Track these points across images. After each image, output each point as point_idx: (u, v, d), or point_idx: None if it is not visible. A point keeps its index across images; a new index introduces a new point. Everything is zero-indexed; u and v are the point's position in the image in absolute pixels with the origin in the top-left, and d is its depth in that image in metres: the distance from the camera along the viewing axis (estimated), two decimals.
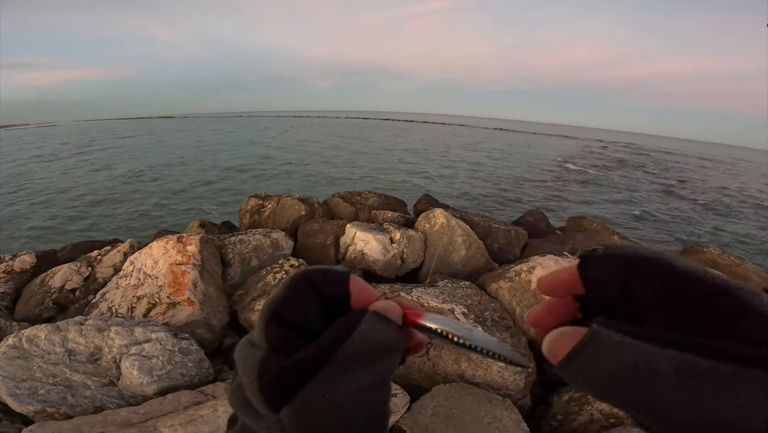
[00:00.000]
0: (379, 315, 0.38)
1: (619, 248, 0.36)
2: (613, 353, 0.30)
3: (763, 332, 0.28)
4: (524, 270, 4.48)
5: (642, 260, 0.34)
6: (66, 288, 4.45)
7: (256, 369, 0.35)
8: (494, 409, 2.89)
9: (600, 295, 0.36)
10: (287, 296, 0.40)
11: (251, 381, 0.35)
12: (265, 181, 21.58)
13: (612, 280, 0.35)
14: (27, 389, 2.68)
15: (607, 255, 0.36)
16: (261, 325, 0.39)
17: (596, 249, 0.37)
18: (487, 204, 17.13)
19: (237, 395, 0.38)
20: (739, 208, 21.12)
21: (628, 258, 0.35)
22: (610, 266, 0.36)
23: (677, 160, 50.20)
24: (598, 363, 0.30)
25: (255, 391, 0.35)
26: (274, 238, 5.37)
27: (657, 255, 0.34)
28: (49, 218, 14.92)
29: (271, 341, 0.37)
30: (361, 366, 0.36)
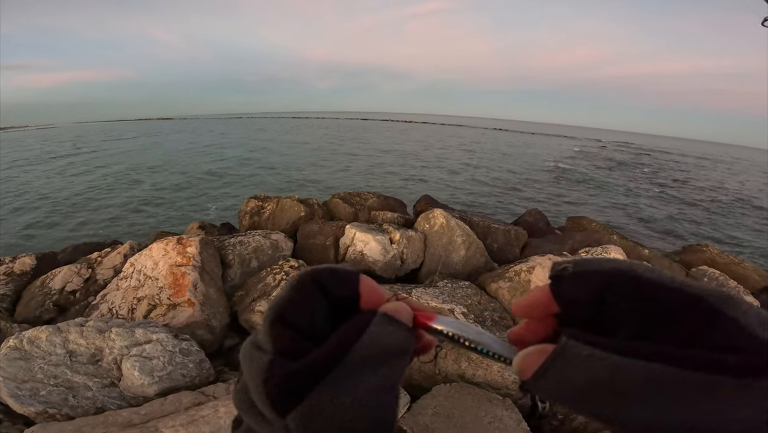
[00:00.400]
0: (389, 317, 0.37)
1: (588, 264, 0.36)
2: (582, 366, 0.30)
3: (732, 338, 0.29)
4: (524, 270, 4.49)
5: (611, 275, 0.35)
6: (66, 290, 4.45)
7: (262, 373, 0.34)
8: (494, 408, 2.90)
9: (574, 311, 0.36)
10: (293, 297, 0.39)
11: (257, 385, 0.34)
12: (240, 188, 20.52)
13: (584, 297, 0.35)
14: (28, 391, 2.68)
15: (576, 273, 0.36)
16: (266, 327, 0.38)
17: (566, 267, 0.37)
18: (487, 204, 17.13)
19: (242, 397, 0.38)
20: (739, 208, 21.13)
21: (598, 274, 0.35)
22: (580, 283, 0.36)
23: (676, 160, 50.24)
24: (567, 377, 0.31)
25: (261, 395, 0.34)
26: (273, 239, 5.38)
27: (626, 268, 0.34)
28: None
29: (277, 343, 0.36)
30: (370, 370, 0.35)
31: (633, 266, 0.34)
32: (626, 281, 0.34)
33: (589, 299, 0.35)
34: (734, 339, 0.29)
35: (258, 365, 0.35)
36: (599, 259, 0.37)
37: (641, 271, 0.34)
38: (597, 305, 0.35)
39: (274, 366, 0.34)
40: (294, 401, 0.33)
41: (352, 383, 0.34)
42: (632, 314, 0.33)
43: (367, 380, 0.34)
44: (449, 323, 0.40)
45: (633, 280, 0.33)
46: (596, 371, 0.30)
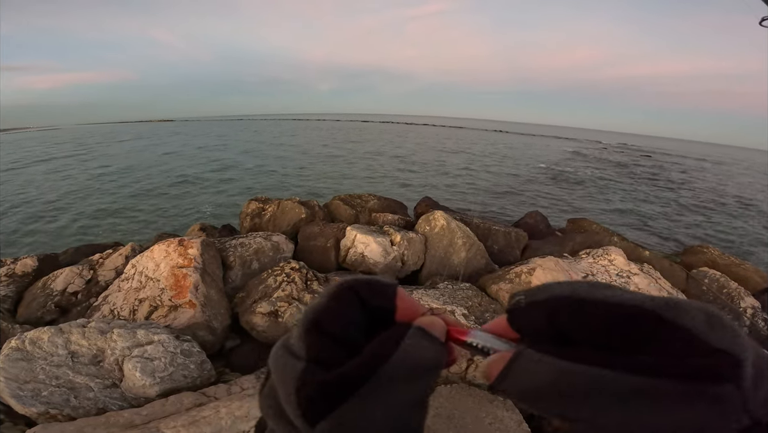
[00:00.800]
0: (424, 331, 0.37)
1: (537, 294, 0.39)
2: (534, 370, 0.33)
3: (679, 344, 0.30)
4: (524, 271, 4.50)
5: (556, 302, 0.37)
6: (68, 291, 4.46)
7: (295, 381, 0.34)
8: (495, 410, 2.90)
9: (534, 337, 0.38)
10: (329, 306, 0.39)
11: (289, 393, 0.34)
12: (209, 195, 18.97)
13: (538, 325, 0.38)
14: (30, 391, 2.69)
15: (528, 304, 0.39)
16: (301, 332, 0.38)
17: (519, 300, 0.40)
18: (487, 206, 17.13)
19: (269, 403, 0.37)
20: (740, 209, 21.11)
21: (544, 303, 0.37)
22: (532, 314, 0.38)
23: (677, 161, 50.21)
24: (522, 380, 0.34)
25: (293, 404, 0.34)
26: (274, 241, 5.39)
27: (568, 293, 0.36)
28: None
29: (311, 350, 0.36)
30: (403, 383, 0.34)
31: (575, 289, 0.37)
32: (569, 305, 0.36)
33: (543, 327, 0.37)
34: (682, 345, 0.30)
35: (291, 372, 0.35)
36: (547, 285, 0.39)
37: (583, 292, 0.36)
38: (551, 331, 0.37)
39: (308, 374, 0.34)
40: (325, 411, 0.33)
41: (384, 396, 0.33)
42: (583, 332, 0.35)
43: (399, 393, 0.34)
44: (482, 337, 0.41)
45: (575, 303, 0.36)
46: (545, 375, 0.33)
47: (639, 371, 0.29)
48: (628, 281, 4.84)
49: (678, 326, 0.31)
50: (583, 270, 4.98)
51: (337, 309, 0.39)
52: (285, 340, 0.39)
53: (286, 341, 0.39)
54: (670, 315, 0.31)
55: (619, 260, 5.16)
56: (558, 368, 0.32)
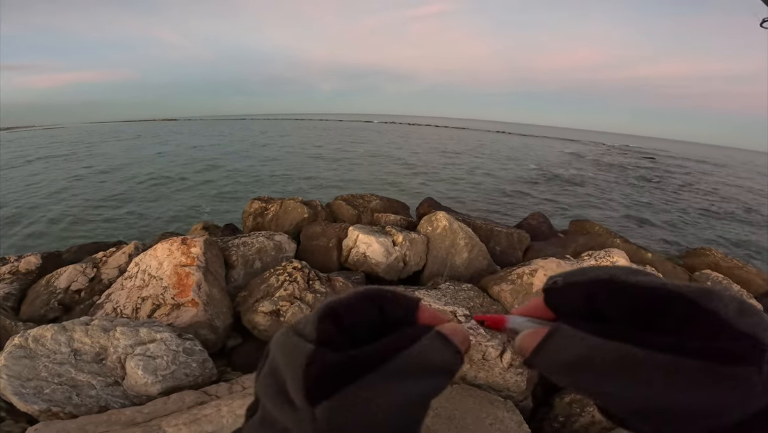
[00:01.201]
0: (443, 336, 0.37)
1: (575, 276, 0.40)
2: (568, 345, 0.35)
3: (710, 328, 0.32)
4: (526, 273, 4.49)
5: (595, 284, 0.39)
6: (71, 289, 4.48)
7: (304, 358, 0.33)
8: (496, 410, 2.90)
9: (569, 315, 0.40)
10: (350, 302, 0.39)
11: (297, 369, 0.33)
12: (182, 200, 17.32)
13: (575, 306, 0.39)
14: (32, 389, 2.70)
15: (566, 285, 0.41)
16: (315, 319, 0.37)
17: (556, 281, 0.41)
18: (489, 207, 17.11)
19: (268, 382, 0.36)
20: (742, 211, 21.04)
21: (583, 285, 0.39)
22: (569, 294, 0.40)
23: (680, 163, 50.06)
24: (557, 354, 0.36)
25: (298, 380, 0.33)
26: (277, 240, 5.40)
27: (607, 276, 0.38)
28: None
29: (322, 336, 0.35)
30: (412, 380, 0.34)
31: (614, 273, 0.38)
32: (609, 287, 0.38)
33: (580, 307, 0.39)
34: (712, 328, 0.32)
35: (301, 351, 0.34)
36: (585, 269, 0.41)
37: (622, 276, 0.38)
38: (587, 312, 0.39)
39: (318, 354, 0.34)
40: (329, 391, 0.32)
41: (390, 387, 0.33)
42: (619, 314, 0.37)
43: (406, 388, 0.34)
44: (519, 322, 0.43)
45: (615, 285, 0.37)
46: (579, 350, 0.34)
47: (665, 349, 0.31)
48: None
49: (710, 311, 0.32)
50: None
51: (357, 307, 0.39)
52: (293, 325, 0.38)
53: (293, 326, 0.38)
54: (704, 301, 0.33)
55: (621, 262, 5.15)
56: (590, 343, 0.34)
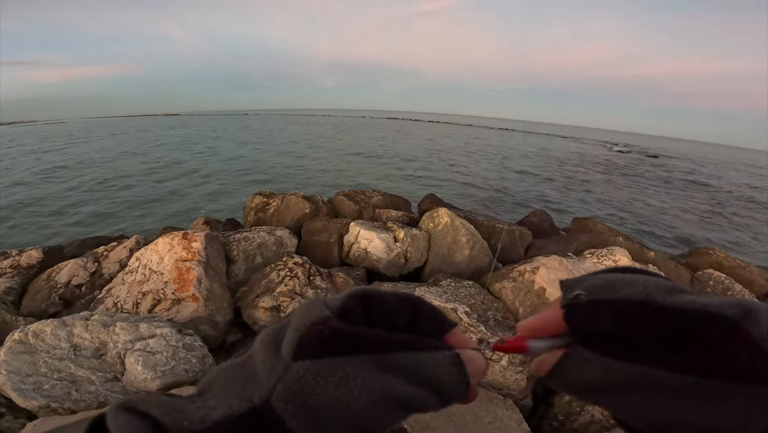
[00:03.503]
0: (460, 361, 0.36)
1: (603, 293, 0.37)
2: (583, 368, 0.36)
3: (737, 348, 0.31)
4: (528, 270, 4.47)
5: (628, 307, 0.35)
6: (72, 283, 4.48)
7: (315, 318, 0.33)
8: (495, 408, 2.89)
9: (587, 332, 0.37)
10: (386, 297, 0.38)
11: (300, 325, 0.33)
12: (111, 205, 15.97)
13: (599, 326, 0.36)
14: (32, 384, 2.70)
15: (591, 303, 0.37)
16: (345, 294, 0.37)
17: (579, 295, 0.38)
18: (491, 203, 17.10)
19: (269, 331, 0.36)
20: (747, 211, 20.97)
21: (613, 305, 0.36)
22: (594, 314, 0.37)
23: (683, 162, 49.88)
24: (571, 376, 0.37)
25: (297, 333, 0.33)
26: (278, 235, 5.39)
27: (643, 298, 0.35)
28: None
29: (344, 310, 0.35)
30: (404, 381, 0.33)
31: (650, 295, 0.35)
32: (643, 312, 0.34)
33: (603, 328, 0.36)
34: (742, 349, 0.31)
35: (316, 311, 0.34)
36: (613, 284, 0.37)
37: (660, 297, 0.34)
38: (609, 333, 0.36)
39: (329, 320, 0.33)
40: (317, 354, 0.32)
41: (379, 376, 0.32)
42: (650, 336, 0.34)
43: (394, 385, 0.33)
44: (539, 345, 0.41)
45: (650, 311, 0.34)
46: (592, 373, 0.35)
47: (684, 370, 0.31)
48: None
49: (743, 331, 0.31)
50: (588, 270, 4.95)
51: (390, 302, 0.38)
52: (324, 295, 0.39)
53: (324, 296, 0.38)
54: (744, 322, 0.31)
55: (623, 261, 5.13)
56: (604, 365, 0.34)
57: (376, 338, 0.34)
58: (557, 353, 0.38)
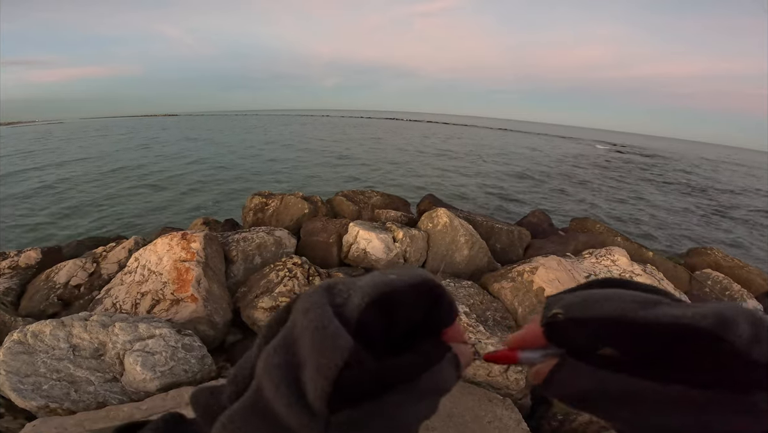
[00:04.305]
0: (457, 360, 0.35)
1: (580, 311, 0.38)
2: (576, 378, 0.36)
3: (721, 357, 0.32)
4: (527, 270, 4.48)
5: (605, 323, 0.36)
6: (71, 284, 4.48)
7: (341, 357, 0.28)
8: (495, 408, 2.90)
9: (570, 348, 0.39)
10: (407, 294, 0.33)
11: (327, 368, 0.27)
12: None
13: (577, 341, 0.38)
14: (31, 385, 2.70)
15: (569, 320, 0.38)
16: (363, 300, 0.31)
17: (557, 314, 0.39)
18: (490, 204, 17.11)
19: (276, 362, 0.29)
20: (746, 211, 21.00)
21: (590, 322, 0.37)
22: (573, 331, 0.38)
23: (683, 163, 49.95)
24: (565, 386, 0.38)
25: (326, 380, 0.27)
26: (277, 236, 5.39)
27: (619, 315, 0.36)
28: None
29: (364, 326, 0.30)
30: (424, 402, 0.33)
31: (624, 309, 0.36)
32: (620, 328, 0.36)
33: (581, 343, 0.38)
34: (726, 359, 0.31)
35: (339, 345, 0.28)
36: (588, 301, 0.38)
37: (633, 313, 0.35)
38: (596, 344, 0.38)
39: (356, 355, 0.28)
40: (353, 400, 0.28)
41: (412, 408, 0.31)
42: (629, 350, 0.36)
43: (418, 409, 0.32)
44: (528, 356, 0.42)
45: (627, 327, 0.35)
46: (585, 383, 0.36)
47: (675, 381, 0.32)
48: None
49: (724, 340, 0.32)
50: (586, 270, 4.96)
51: (410, 300, 0.34)
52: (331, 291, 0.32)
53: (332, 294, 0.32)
54: (720, 331, 0.32)
55: (622, 261, 5.14)
56: (598, 377, 0.35)
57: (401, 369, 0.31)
58: (551, 363, 0.39)
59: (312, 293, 0.32)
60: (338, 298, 0.31)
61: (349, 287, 0.32)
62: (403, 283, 0.33)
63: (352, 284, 0.33)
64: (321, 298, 0.31)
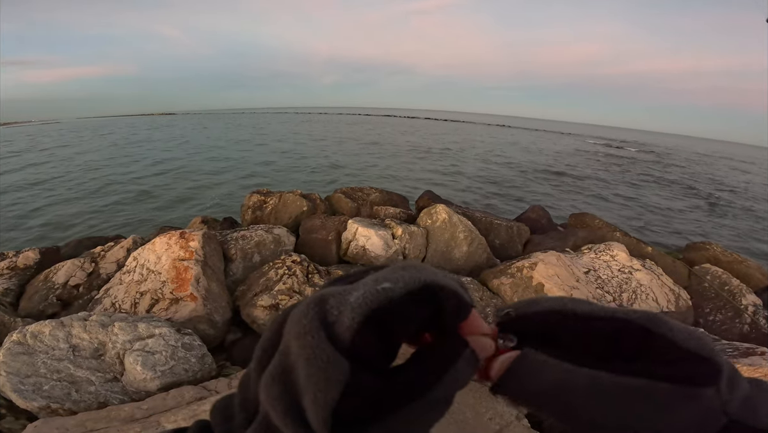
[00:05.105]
0: (475, 356, 0.35)
1: (527, 307, 0.41)
2: (539, 371, 0.35)
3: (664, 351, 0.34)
4: (526, 266, 4.48)
5: (548, 314, 0.39)
6: (70, 284, 4.47)
7: (338, 383, 0.27)
8: (495, 405, 2.90)
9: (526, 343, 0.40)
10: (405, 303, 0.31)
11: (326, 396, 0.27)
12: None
13: (530, 335, 0.39)
14: (31, 385, 2.70)
15: (519, 316, 0.41)
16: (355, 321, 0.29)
17: (508, 312, 0.41)
18: (489, 200, 17.11)
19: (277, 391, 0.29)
20: (745, 206, 21.04)
21: (536, 315, 0.40)
22: (525, 326, 0.40)
23: (680, 158, 49.97)
24: (527, 380, 0.36)
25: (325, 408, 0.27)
26: (276, 234, 5.39)
27: (560, 307, 0.39)
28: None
29: (359, 347, 0.29)
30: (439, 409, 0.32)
31: (566, 303, 0.39)
32: (562, 317, 0.38)
33: (534, 337, 0.39)
34: (666, 352, 0.34)
35: (333, 370, 0.27)
36: (537, 299, 0.42)
37: (573, 306, 0.38)
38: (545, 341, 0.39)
39: (354, 379, 0.28)
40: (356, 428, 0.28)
41: (423, 420, 0.31)
42: (575, 342, 0.37)
43: (433, 417, 0.32)
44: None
45: (568, 316, 0.38)
46: (549, 375, 0.35)
47: (638, 374, 0.32)
48: (630, 276, 4.83)
49: (660, 336, 0.34)
50: (585, 265, 4.96)
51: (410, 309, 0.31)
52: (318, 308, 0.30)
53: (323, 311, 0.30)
54: (652, 325, 0.35)
55: (621, 256, 5.14)
56: (563, 368, 0.34)
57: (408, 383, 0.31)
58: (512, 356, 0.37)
59: (304, 312, 0.30)
60: (330, 315, 0.30)
61: (340, 301, 0.30)
62: (400, 290, 0.31)
63: (343, 298, 0.30)
64: (313, 321, 0.29)
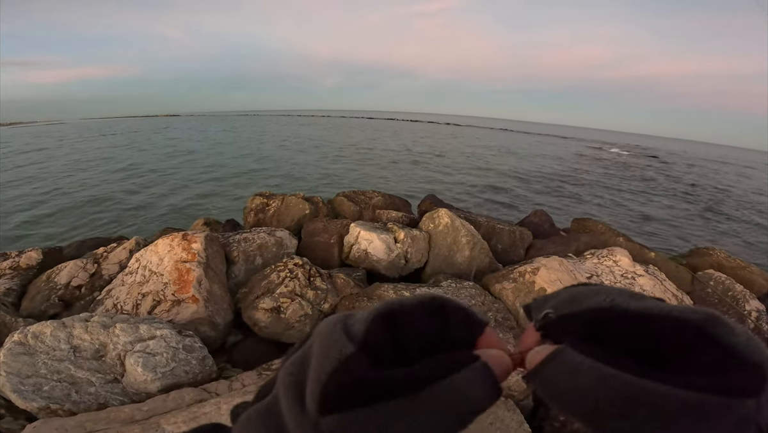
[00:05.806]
0: (487, 368, 0.34)
1: (570, 306, 0.37)
2: (571, 371, 0.32)
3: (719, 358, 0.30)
4: (528, 271, 4.47)
5: (595, 314, 0.36)
6: (72, 285, 4.47)
7: (337, 361, 0.31)
8: (496, 409, 2.88)
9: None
10: (415, 311, 0.35)
11: (322, 370, 0.31)
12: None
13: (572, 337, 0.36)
14: (31, 386, 2.70)
15: (560, 318, 0.38)
16: (368, 317, 0.34)
17: (548, 314, 0.39)
18: (491, 204, 17.09)
19: (291, 371, 0.34)
20: (748, 211, 20.96)
21: (581, 315, 0.36)
22: (566, 328, 0.37)
23: (683, 163, 49.86)
24: (558, 378, 0.33)
25: (319, 383, 0.30)
26: (278, 236, 5.39)
27: (608, 305, 0.35)
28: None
29: (369, 337, 0.33)
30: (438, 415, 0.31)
31: (615, 301, 0.35)
32: (611, 317, 0.35)
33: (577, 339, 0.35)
34: (722, 359, 0.30)
35: (338, 351, 0.31)
36: (577, 297, 0.38)
37: (624, 303, 0.35)
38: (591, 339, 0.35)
39: (353, 363, 0.31)
40: (344, 405, 0.29)
41: (412, 419, 0.30)
42: (622, 343, 0.34)
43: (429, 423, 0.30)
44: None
45: (618, 315, 0.34)
46: (585, 378, 0.31)
47: (687, 386, 0.28)
48: (633, 282, 4.81)
49: (718, 341, 0.30)
50: (588, 271, 4.95)
51: (419, 317, 0.35)
52: (345, 316, 0.36)
53: (345, 318, 0.35)
54: (709, 327, 0.31)
55: (624, 261, 5.12)
56: (601, 373, 0.30)
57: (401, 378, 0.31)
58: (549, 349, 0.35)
59: (332, 317, 0.36)
60: (351, 319, 0.35)
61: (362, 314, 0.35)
62: (411, 300, 0.36)
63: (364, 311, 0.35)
64: (337, 318, 0.35)
